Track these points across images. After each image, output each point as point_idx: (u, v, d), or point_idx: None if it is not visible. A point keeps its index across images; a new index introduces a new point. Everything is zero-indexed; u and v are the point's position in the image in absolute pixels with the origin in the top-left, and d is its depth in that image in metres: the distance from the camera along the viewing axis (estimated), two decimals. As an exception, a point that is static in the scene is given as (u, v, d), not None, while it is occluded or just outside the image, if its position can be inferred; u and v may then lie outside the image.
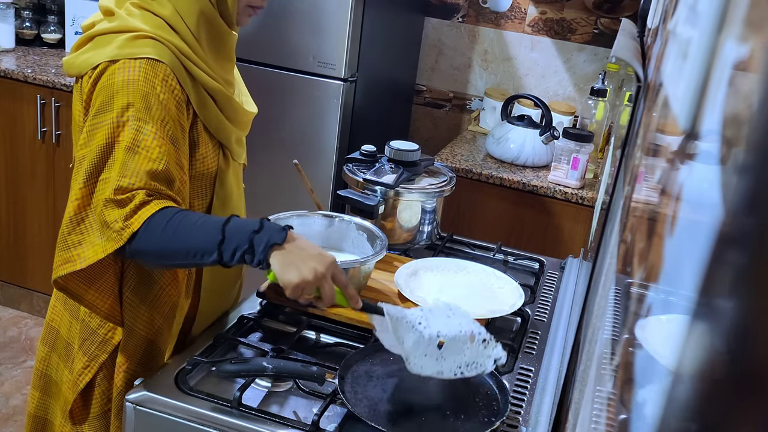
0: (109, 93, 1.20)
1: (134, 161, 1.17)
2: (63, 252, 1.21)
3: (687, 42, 0.67)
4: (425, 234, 1.80)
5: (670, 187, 0.58)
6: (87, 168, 1.20)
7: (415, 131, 3.23)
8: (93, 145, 1.20)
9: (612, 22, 2.87)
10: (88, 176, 1.20)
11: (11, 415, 2.56)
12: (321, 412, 1.15)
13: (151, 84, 1.19)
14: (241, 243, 1.14)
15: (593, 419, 0.69)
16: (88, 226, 1.20)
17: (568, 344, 1.40)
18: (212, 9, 1.28)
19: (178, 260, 1.20)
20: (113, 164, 1.18)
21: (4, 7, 3.07)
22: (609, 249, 1.10)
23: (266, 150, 2.59)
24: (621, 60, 1.72)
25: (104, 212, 1.16)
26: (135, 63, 1.20)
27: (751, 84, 0.35)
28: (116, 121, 1.19)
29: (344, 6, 2.42)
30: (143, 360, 1.35)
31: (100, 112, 1.20)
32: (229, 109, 1.34)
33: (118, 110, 1.19)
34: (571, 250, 2.37)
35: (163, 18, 1.24)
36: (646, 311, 0.55)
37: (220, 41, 1.32)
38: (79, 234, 1.20)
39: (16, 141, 2.94)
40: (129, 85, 1.19)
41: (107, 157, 1.19)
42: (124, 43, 1.22)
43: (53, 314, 1.45)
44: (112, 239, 1.16)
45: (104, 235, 1.17)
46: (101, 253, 1.17)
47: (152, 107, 1.19)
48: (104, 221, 1.16)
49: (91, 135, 1.21)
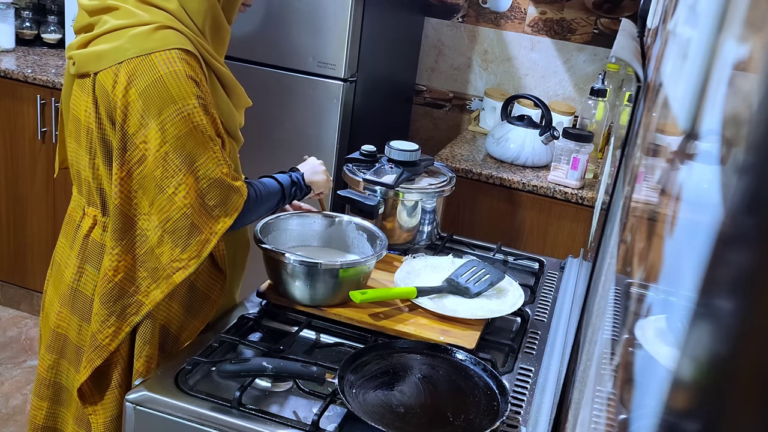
0: (163, 86, 1.23)
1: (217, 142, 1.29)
2: (196, 237, 1.29)
3: (687, 42, 0.67)
4: (425, 234, 1.80)
5: (669, 187, 0.58)
6: (181, 161, 1.26)
7: (415, 131, 3.23)
8: (172, 138, 1.24)
9: (612, 22, 2.87)
10: (188, 166, 1.26)
11: (11, 415, 2.56)
12: (321, 412, 1.15)
13: (194, 71, 1.26)
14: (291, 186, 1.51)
15: (593, 419, 0.69)
16: (204, 205, 1.29)
17: (568, 344, 1.40)
18: (217, 5, 1.32)
19: (258, 214, 1.45)
20: (206, 147, 1.27)
21: (4, 7, 3.06)
22: (609, 249, 1.10)
23: (266, 150, 2.59)
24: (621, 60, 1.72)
25: (222, 185, 1.30)
26: (173, 54, 1.24)
27: (751, 84, 0.35)
28: (184, 111, 1.24)
29: (344, 6, 2.42)
30: (160, 346, 1.40)
31: (163, 106, 1.24)
32: (234, 94, 1.39)
33: (181, 100, 1.24)
34: (571, 250, 2.37)
35: (169, 12, 1.27)
36: (646, 311, 0.55)
37: (219, 34, 1.36)
38: (204, 215, 1.29)
39: (16, 141, 2.94)
40: (179, 74, 1.23)
41: (194, 143, 1.26)
42: (146, 36, 1.24)
43: (59, 321, 1.43)
44: (236, 207, 1.32)
45: (227, 206, 1.31)
46: (229, 221, 1.31)
47: (203, 92, 1.26)
48: (224, 194, 1.30)
49: (165, 130, 1.24)
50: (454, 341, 1.37)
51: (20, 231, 3.05)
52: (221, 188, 1.29)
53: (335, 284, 1.43)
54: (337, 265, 1.42)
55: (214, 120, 1.29)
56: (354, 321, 1.42)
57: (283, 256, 1.42)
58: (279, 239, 1.56)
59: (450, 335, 1.40)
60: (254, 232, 1.48)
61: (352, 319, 1.43)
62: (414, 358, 1.32)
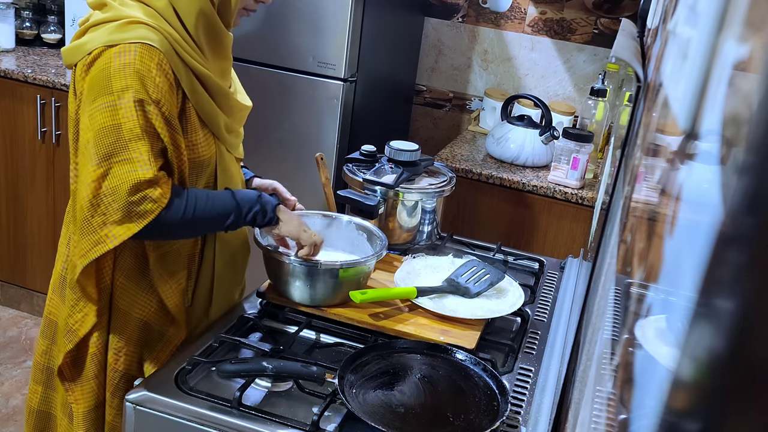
0: (107, 76, 1.24)
1: (144, 143, 1.23)
2: (90, 235, 1.26)
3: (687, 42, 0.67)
4: (425, 234, 1.80)
5: (669, 187, 0.58)
6: (97, 151, 1.24)
7: (415, 131, 3.23)
8: (97, 128, 1.24)
9: (612, 22, 2.87)
10: (100, 158, 1.24)
11: (11, 415, 2.56)
12: (321, 412, 1.15)
13: (147, 67, 1.24)
14: (253, 206, 1.35)
15: (593, 419, 0.69)
16: (107, 206, 1.24)
17: (568, 344, 1.40)
18: (212, 9, 1.32)
19: (195, 231, 1.36)
20: (126, 147, 1.23)
21: (4, 7, 3.06)
22: (609, 249, 1.10)
23: (266, 150, 2.59)
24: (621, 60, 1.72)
25: (133, 191, 1.23)
26: (131, 47, 1.24)
27: (751, 84, 0.35)
28: (117, 104, 1.23)
29: (344, 6, 2.42)
30: (140, 341, 1.41)
31: (100, 95, 1.24)
32: (220, 98, 1.37)
33: (117, 92, 1.23)
34: (571, 250, 2.37)
35: (156, 9, 1.28)
36: (646, 311, 0.55)
37: (217, 40, 1.35)
38: (101, 215, 1.25)
39: (16, 141, 2.94)
40: (126, 68, 1.23)
41: (115, 138, 1.23)
42: (117, 29, 1.26)
43: (51, 307, 1.48)
44: (143, 215, 1.24)
45: (132, 213, 1.24)
46: (134, 228, 1.24)
47: (149, 89, 1.24)
48: (133, 199, 1.23)
49: (93, 118, 1.25)
50: (454, 341, 1.37)
51: (20, 231, 3.05)
52: (129, 192, 1.23)
53: (335, 284, 1.43)
54: (337, 265, 1.42)
55: (149, 120, 1.24)
56: (354, 321, 1.42)
57: (283, 256, 1.42)
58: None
59: (450, 335, 1.40)
60: (254, 232, 1.48)
61: (352, 319, 1.43)
62: (414, 358, 1.32)
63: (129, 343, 1.40)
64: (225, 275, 1.49)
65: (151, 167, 1.24)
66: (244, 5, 1.38)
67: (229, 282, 1.52)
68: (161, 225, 1.26)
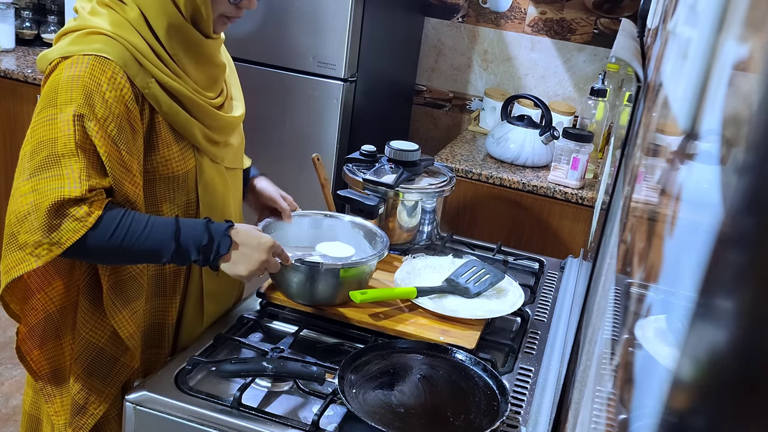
0: (54, 88, 1.19)
1: (78, 160, 1.17)
2: (16, 252, 1.19)
3: (687, 42, 0.67)
4: (425, 234, 1.80)
5: (669, 187, 0.58)
6: (31, 164, 1.19)
7: (415, 131, 3.23)
8: (34, 141, 1.19)
9: (612, 22, 2.87)
10: (31, 172, 1.19)
11: (11, 415, 2.56)
12: (321, 412, 1.15)
13: (96, 81, 1.18)
14: (193, 254, 1.24)
15: (593, 419, 0.69)
16: (31, 224, 1.18)
17: (568, 344, 1.40)
18: (182, 20, 1.25)
19: (127, 259, 1.25)
20: (58, 162, 1.17)
21: (4, 7, 3.06)
22: (609, 249, 1.10)
23: (266, 150, 2.59)
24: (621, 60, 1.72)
25: (55, 209, 1.16)
26: (84, 59, 1.19)
27: (751, 84, 0.35)
28: (57, 117, 1.18)
29: (344, 6, 2.42)
30: (92, 366, 1.33)
31: (45, 107, 1.20)
32: (196, 110, 1.30)
33: (60, 106, 1.18)
34: (571, 250, 2.37)
35: (127, 19, 1.23)
36: (646, 311, 0.55)
37: (196, 49, 1.29)
38: (26, 232, 1.18)
39: (16, 141, 2.94)
40: (74, 80, 1.18)
41: (48, 153, 1.18)
42: (75, 40, 1.22)
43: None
44: (67, 234, 1.16)
45: (53, 232, 1.16)
46: (56, 249, 1.17)
47: (95, 105, 1.18)
48: (55, 218, 1.16)
49: (33, 130, 1.20)
50: (454, 341, 1.37)
51: (20, 231, 3.05)
52: (51, 209, 1.16)
53: (336, 284, 1.43)
54: (338, 265, 1.42)
55: (87, 137, 1.17)
56: (354, 321, 1.42)
57: (283, 256, 1.42)
58: (279, 239, 1.55)
59: (450, 335, 1.40)
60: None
61: (352, 319, 1.42)
62: (414, 358, 1.32)
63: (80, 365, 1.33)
64: (216, 290, 1.44)
65: (80, 185, 1.16)
66: (221, 12, 1.29)
67: (225, 294, 1.48)
68: (86, 248, 1.18)
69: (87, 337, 1.32)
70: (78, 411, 1.34)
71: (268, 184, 1.61)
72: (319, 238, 1.61)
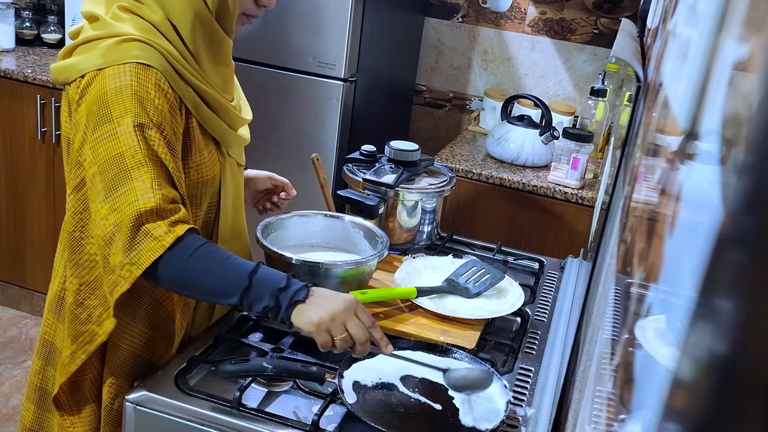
0: (105, 102, 1.16)
1: (147, 170, 1.15)
2: (110, 275, 1.18)
3: (687, 42, 0.67)
4: (425, 234, 1.80)
5: (669, 187, 0.58)
6: (104, 185, 1.16)
7: (415, 131, 3.23)
8: (100, 160, 1.16)
9: (612, 22, 2.87)
10: (106, 193, 1.16)
11: (11, 415, 2.56)
12: (321, 412, 1.15)
13: (144, 88, 1.16)
14: (266, 298, 1.16)
15: (593, 419, 0.69)
16: (116, 244, 1.15)
17: (568, 344, 1.40)
18: (208, 14, 1.24)
19: (195, 293, 1.21)
20: (129, 176, 1.15)
21: (4, 7, 3.06)
22: (609, 249, 1.10)
23: (266, 150, 2.59)
24: (621, 60, 1.72)
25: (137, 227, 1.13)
26: (125, 68, 1.16)
27: (751, 84, 0.35)
28: (118, 131, 1.15)
29: (344, 6, 2.42)
30: (131, 375, 1.31)
31: (100, 123, 1.16)
32: (224, 113, 1.30)
33: (117, 119, 1.15)
34: (571, 250, 2.37)
35: (152, 23, 1.21)
36: (646, 311, 0.55)
37: (217, 47, 1.28)
38: (115, 254, 1.16)
39: (16, 141, 2.94)
40: (123, 90, 1.15)
41: (118, 170, 1.15)
42: (110, 49, 1.18)
43: (46, 327, 1.41)
44: (145, 255, 1.13)
45: (135, 251, 1.13)
46: (137, 270, 1.13)
47: (149, 112, 1.16)
48: (136, 237, 1.13)
49: (95, 151, 1.17)
50: (454, 341, 1.37)
51: (20, 231, 3.05)
52: (135, 228, 1.13)
53: (336, 285, 1.42)
54: (338, 265, 1.42)
55: (150, 146, 1.16)
56: (354, 321, 1.42)
57: (284, 257, 1.41)
58: (279, 239, 1.55)
59: (450, 335, 1.40)
60: (255, 232, 1.48)
61: (352, 319, 1.42)
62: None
63: (119, 376, 1.31)
64: None
65: (153, 194, 1.14)
66: (243, 10, 1.29)
67: None
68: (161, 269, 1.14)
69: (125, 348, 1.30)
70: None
71: (256, 171, 1.61)
72: (319, 238, 1.61)
